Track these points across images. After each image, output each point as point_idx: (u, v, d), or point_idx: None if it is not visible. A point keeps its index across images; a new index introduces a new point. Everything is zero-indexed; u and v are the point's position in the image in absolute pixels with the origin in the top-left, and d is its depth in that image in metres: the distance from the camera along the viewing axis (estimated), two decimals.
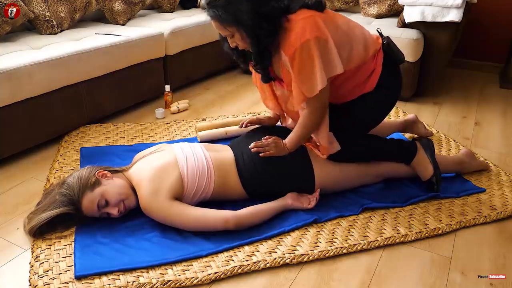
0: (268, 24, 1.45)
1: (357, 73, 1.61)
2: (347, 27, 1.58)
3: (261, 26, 1.45)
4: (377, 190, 1.80)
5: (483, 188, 1.83)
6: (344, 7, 3.37)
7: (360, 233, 1.57)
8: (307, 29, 1.44)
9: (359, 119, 1.71)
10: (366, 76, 1.63)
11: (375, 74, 1.63)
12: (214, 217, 1.52)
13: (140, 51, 2.61)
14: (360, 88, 1.64)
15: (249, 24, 1.44)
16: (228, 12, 1.43)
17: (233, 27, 1.47)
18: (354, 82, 1.63)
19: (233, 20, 1.45)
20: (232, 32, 1.49)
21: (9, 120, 2.00)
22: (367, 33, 1.66)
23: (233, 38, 1.52)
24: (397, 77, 1.73)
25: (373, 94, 1.65)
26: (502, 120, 2.60)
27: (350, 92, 1.66)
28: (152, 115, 2.63)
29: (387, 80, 1.66)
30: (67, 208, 1.52)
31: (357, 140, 1.72)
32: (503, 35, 3.39)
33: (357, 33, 1.60)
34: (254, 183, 1.68)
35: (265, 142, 1.68)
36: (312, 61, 1.46)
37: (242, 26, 1.45)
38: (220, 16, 1.44)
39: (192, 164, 1.62)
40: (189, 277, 1.37)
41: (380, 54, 1.66)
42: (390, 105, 1.74)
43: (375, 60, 1.64)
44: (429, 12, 2.57)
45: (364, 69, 1.62)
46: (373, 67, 1.64)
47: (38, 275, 1.38)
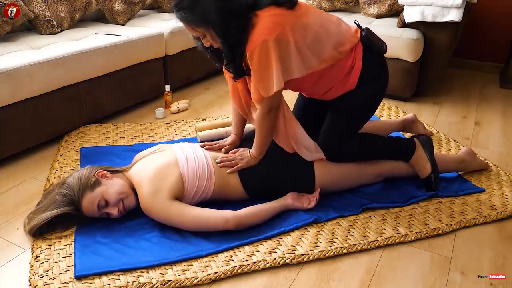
0: (237, 21, 1.42)
1: (331, 70, 1.57)
2: (319, 26, 1.52)
3: (230, 24, 1.42)
4: (377, 190, 1.80)
5: (482, 188, 1.83)
6: (344, 7, 3.37)
7: (360, 233, 1.57)
8: (269, 28, 1.41)
9: (348, 116, 1.68)
10: (344, 72, 1.59)
11: (356, 69, 1.59)
12: (214, 217, 1.52)
13: (140, 51, 2.60)
14: (342, 85, 1.61)
15: (217, 23, 1.42)
16: (195, 13, 1.41)
17: (202, 28, 1.44)
18: (331, 80, 1.60)
19: (201, 21, 1.42)
20: (203, 32, 1.47)
21: (9, 120, 2.00)
22: (344, 27, 1.60)
23: (205, 38, 1.50)
24: (381, 68, 1.68)
25: (357, 90, 1.62)
26: (502, 120, 2.60)
27: (330, 90, 1.63)
28: (152, 115, 2.63)
29: (370, 74, 1.62)
30: (67, 208, 1.52)
31: (354, 139, 1.72)
32: (503, 35, 3.39)
33: (331, 31, 1.55)
34: (254, 183, 1.68)
35: (231, 156, 1.68)
36: (270, 62, 1.44)
37: (211, 25, 1.43)
38: (187, 18, 1.42)
39: (192, 164, 1.62)
40: (189, 277, 1.37)
41: (359, 48, 1.60)
42: (378, 98, 1.70)
43: (354, 55, 1.59)
44: (429, 12, 2.57)
45: (340, 66, 1.58)
46: (352, 63, 1.59)
47: (38, 275, 1.38)
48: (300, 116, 1.85)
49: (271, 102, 1.53)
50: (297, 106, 1.90)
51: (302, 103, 1.88)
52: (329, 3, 3.33)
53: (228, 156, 1.69)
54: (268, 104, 1.53)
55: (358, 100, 1.65)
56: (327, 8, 3.35)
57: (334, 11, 3.39)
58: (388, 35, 2.64)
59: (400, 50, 2.63)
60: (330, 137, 1.69)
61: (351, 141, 1.71)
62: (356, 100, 1.64)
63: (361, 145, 1.73)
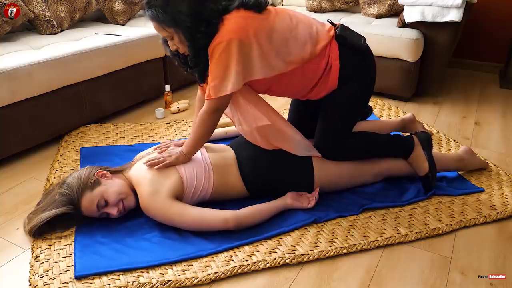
0: (206, 27, 1.43)
1: (304, 71, 1.56)
2: (287, 29, 1.51)
3: (199, 29, 1.42)
4: (377, 190, 1.80)
5: (482, 188, 1.83)
6: (344, 7, 3.37)
7: (360, 233, 1.57)
8: (234, 29, 1.42)
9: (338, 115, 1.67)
10: (320, 73, 1.58)
11: (334, 69, 1.58)
12: (213, 217, 1.52)
13: (140, 51, 2.60)
14: (322, 85, 1.60)
15: (187, 26, 1.42)
16: (166, 13, 1.41)
17: (171, 29, 1.44)
18: (306, 80, 1.59)
19: (172, 21, 1.42)
20: (171, 34, 1.46)
21: (9, 120, 2.00)
22: (315, 29, 1.57)
23: (172, 41, 1.50)
24: (363, 63, 1.64)
25: (342, 89, 1.61)
26: (502, 120, 2.60)
27: (312, 90, 1.62)
28: (152, 115, 2.63)
29: (351, 72, 1.60)
30: (67, 208, 1.52)
31: (348, 136, 1.72)
32: (503, 35, 3.39)
33: (299, 34, 1.53)
34: (255, 180, 1.68)
35: (159, 155, 1.63)
36: (229, 61, 1.44)
37: (181, 28, 1.43)
38: (158, 16, 1.42)
39: (190, 164, 1.62)
40: (189, 277, 1.37)
41: (334, 47, 1.57)
42: (366, 93, 1.69)
43: (328, 55, 1.57)
44: (429, 12, 2.57)
45: (313, 67, 1.57)
46: (327, 63, 1.57)
47: (38, 275, 1.38)
48: (295, 118, 1.87)
49: (219, 103, 1.52)
50: (291, 110, 1.91)
51: (296, 106, 1.89)
52: (329, 3, 3.33)
53: (157, 156, 1.63)
54: (216, 103, 1.52)
55: (344, 98, 1.64)
56: (327, 8, 3.34)
57: (334, 11, 3.39)
58: (388, 35, 2.64)
59: (400, 50, 2.63)
60: (324, 136, 1.69)
61: (350, 139, 1.71)
62: (343, 98, 1.63)
63: (360, 143, 1.73)
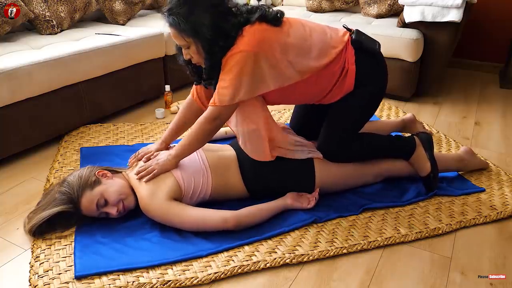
0: (225, 41, 1.44)
1: (319, 79, 1.57)
2: (302, 39, 1.53)
3: (218, 42, 1.43)
4: (377, 190, 1.80)
5: (482, 188, 1.83)
6: (344, 7, 3.37)
7: (360, 233, 1.57)
8: (250, 42, 1.43)
9: (349, 116, 1.68)
10: (335, 78, 1.59)
11: (350, 74, 1.59)
12: (213, 217, 1.52)
13: (140, 51, 2.60)
14: (338, 89, 1.62)
15: (207, 38, 1.43)
16: (188, 22, 1.41)
17: (190, 38, 1.45)
18: (322, 87, 1.60)
19: (192, 31, 1.42)
20: (189, 43, 1.47)
21: (9, 120, 1.99)
22: (329, 35, 1.59)
23: (188, 50, 1.50)
24: (377, 67, 1.67)
25: (356, 91, 1.62)
26: (502, 120, 2.60)
27: (327, 95, 1.63)
28: (152, 115, 2.63)
29: (366, 75, 1.62)
30: (67, 207, 1.52)
31: (354, 139, 1.72)
32: (503, 35, 3.39)
33: (313, 44, 1.54)
34: (256, 181, 1.68)
35: (147, 163, 1.60)
36: (241, 74, 1.45)
37: (200, 39, 1.43)
38: (179, 24, 1.42)
39: (186, 167, 1.62)
40: (189, 277, 1.37)
41: (350, 52, 1.60)
42: (378, 97, 1.70)
43: (343, 60, 1.59)
44: (429, 12, 2.57)
45: (328, 74, 1.58)
46: (342, 68, 1.59)
47: (38, 275, 1.38)
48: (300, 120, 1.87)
49: (222, 112, 1.52)
50: (296, 111, 1.91)
51: (302, 108, 1.89)
52: (329, 3, 3.33)
53: (145, 165, 1.61)
54: (219, 111, 1.52)
55: (358, 101, 1.65)
56: (327, 9, 3.35)
57: (334, 11, 3.39)
58: (388, 35, 2.64)
59: (400, 50, 2.63)
60: (331, 138, 1.69)
61: (356, 142, 1.71)
62: (357, 101, 1.65)
63: (364, 145, 1.73)
